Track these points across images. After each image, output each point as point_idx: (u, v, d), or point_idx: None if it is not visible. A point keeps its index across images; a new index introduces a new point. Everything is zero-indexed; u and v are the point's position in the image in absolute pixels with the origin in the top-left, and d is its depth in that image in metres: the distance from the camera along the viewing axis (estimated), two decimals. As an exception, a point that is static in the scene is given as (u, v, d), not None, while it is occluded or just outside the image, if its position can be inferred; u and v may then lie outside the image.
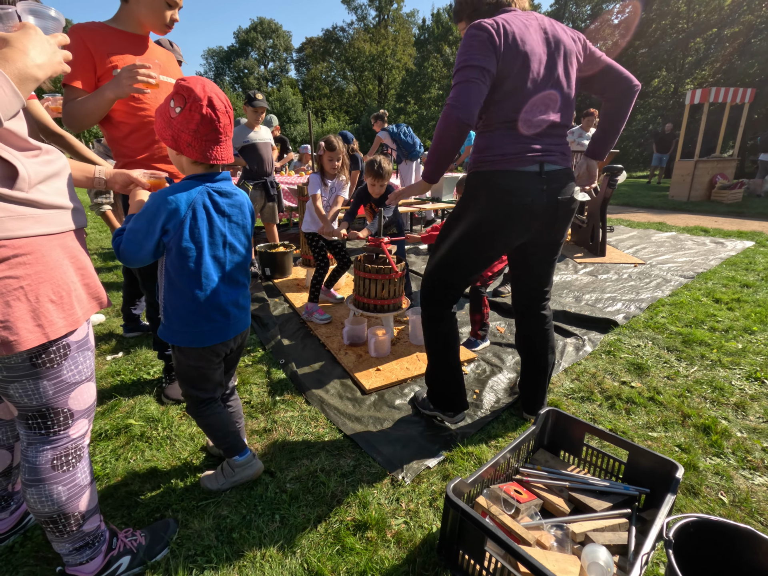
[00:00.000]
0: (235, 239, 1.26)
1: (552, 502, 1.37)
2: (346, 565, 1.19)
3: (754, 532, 1.02)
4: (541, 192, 1.45)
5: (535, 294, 1.75)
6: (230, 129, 1.18)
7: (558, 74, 1.42)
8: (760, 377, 2.18)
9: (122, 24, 1.58)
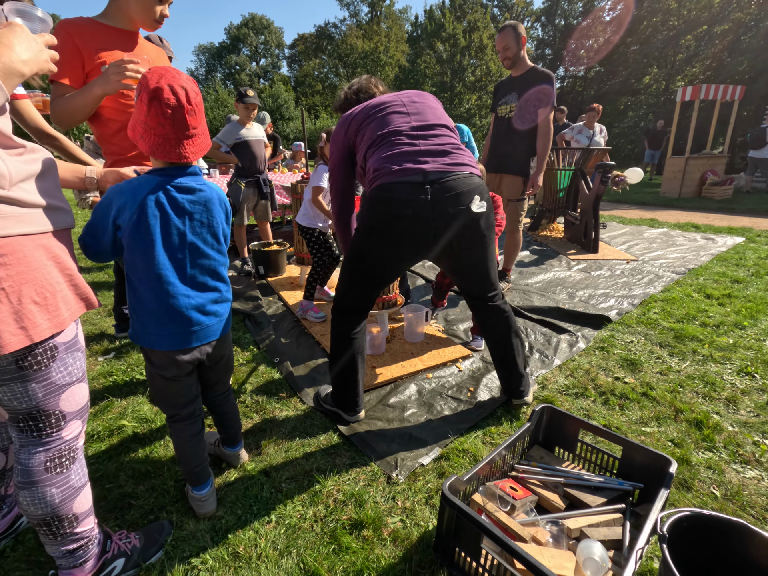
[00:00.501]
0: (197, 238, 1.15)
1: (547, 498, 1.38)
2: (343, 565, 1.19)
3: (745, 525, 1.04)
4: (425, 203, 1.43)
5: (480, 297, 1.76)
6: (187, 124, 1.06)
7: (420, 103, 1.59)
8: (751, 372, 2.21)
9: (111, 19, 1.55)
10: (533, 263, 4.36)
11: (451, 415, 1.88)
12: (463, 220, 1.47)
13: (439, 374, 2.20)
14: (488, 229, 1.57)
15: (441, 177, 1.44)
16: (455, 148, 1.53)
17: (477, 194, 1.48)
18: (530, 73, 3.04)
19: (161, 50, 1.75)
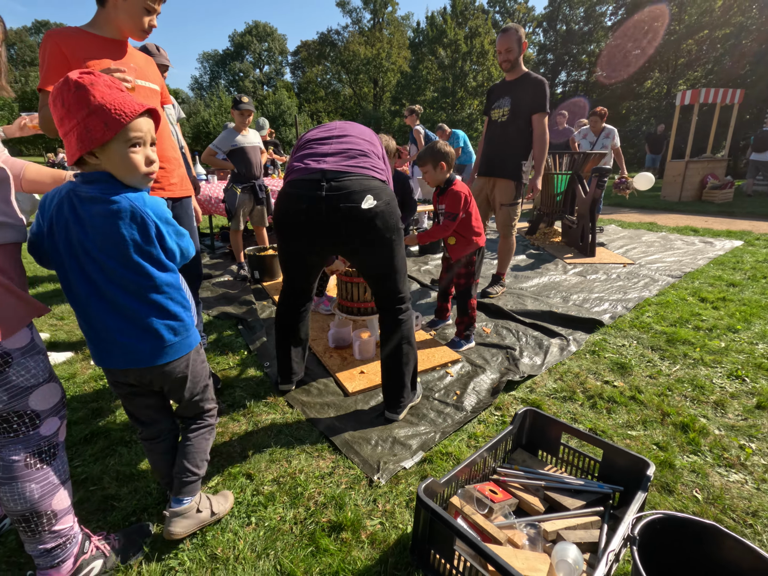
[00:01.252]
0: (103, 254, 1.00)
1: (527, 501, 1.38)
2: (320, 566, 1.19)
3: (718, 527, 1.04)
4: (318, 199, 1.52)
5: (386, 299, 1.78)
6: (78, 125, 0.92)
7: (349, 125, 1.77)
8: (741, 375, 2.20)
9: (99, 29, 1.58)
10: (529, 267, 4.36)
11: (436, 418, 1.88)
12: (354, 216, 1.54)
13: (427, 378, 2.21)
14: (387, 230, 1.60)
15: (338, 176, 1.53)
16: (362, 155, 1.62)
17: (370, 194, 1.54)
18: (524, 79, 3.05)
19: (150, 59, 1.79)
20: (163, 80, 1.86)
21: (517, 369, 2.26)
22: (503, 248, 3.42)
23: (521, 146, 3.12)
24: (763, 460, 1.62)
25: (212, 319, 3.01)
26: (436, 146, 2.29)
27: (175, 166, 1.81)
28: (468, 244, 2.40)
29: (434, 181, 2.38)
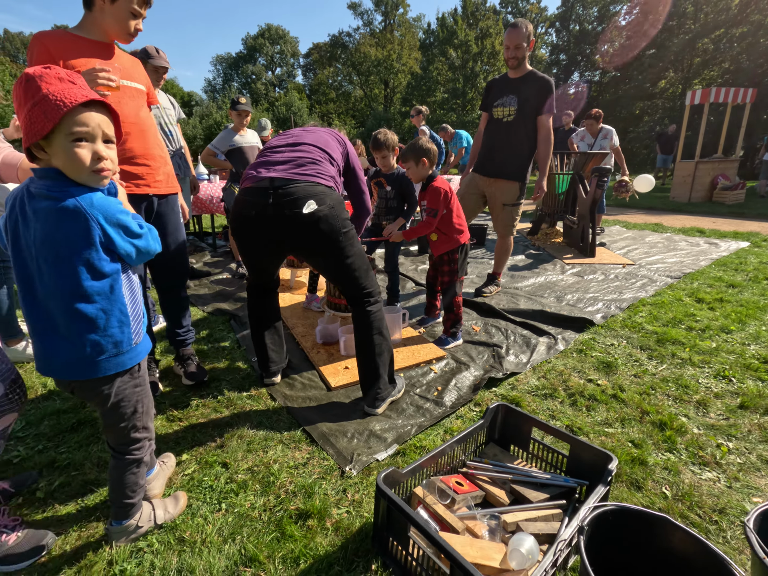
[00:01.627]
0: (40, 254, 0.96)
1: (493, 493, 1.39)
2: (282, 552, 1.23)
3: (668, 519, 1.04)
4: (266, 206, 1.61)
5: (351, 296, 1.85)
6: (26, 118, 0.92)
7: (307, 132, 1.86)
8: (728, 375, 2.18)
9: (87, 32, 1.64)
10: (527, 267, 4.35)
11: (415, 413, 1.91)
12: (299, 221, 1.61)
13: (410, 374, 2.23)
14: (332, 233, 1.67)
15: (285, 183, 1.61)
16: (311, 163, 1.70)
17: (313, 199, 1.61)
18: (530, 78, 2.97)
19: (136, 60, 1.85)
20: (149, 81, 1.93)
21: (501, 367, 2.27)
22: (501, 248, 3.41)
23: (528, 147, 3.08)
24: (739, 459, 1.61)
25: (207, 315, 3.07)
26: (418, 143, 2.32)
27: (161, 163, 1.87)
28: (449, 240, 2.41)
29: (417, 177, 2.40)
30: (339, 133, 1.98)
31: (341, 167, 1.89)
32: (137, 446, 1.20)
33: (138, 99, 1.78)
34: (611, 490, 1.45)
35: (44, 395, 2.03)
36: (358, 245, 1.80)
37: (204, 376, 2.10)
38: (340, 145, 1.91)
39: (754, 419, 1.84)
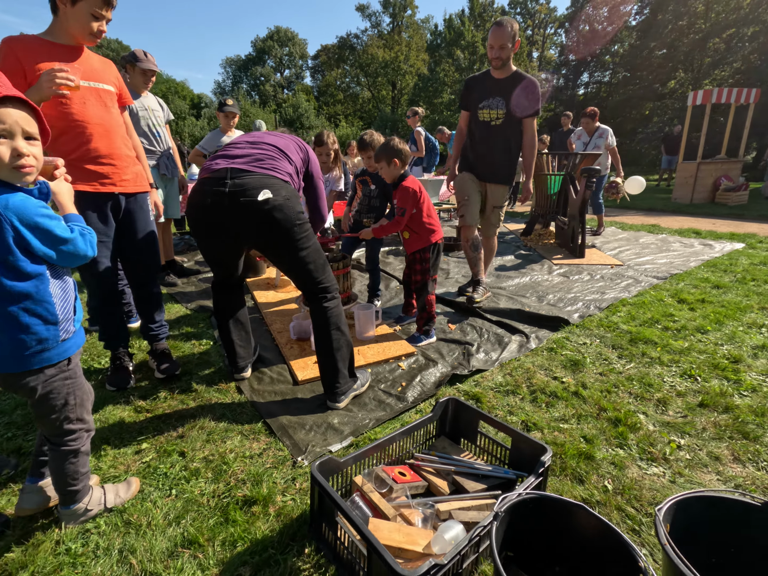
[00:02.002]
0: None
1: (436, 484, 1.43)
2: (222, 535, 1.28)
3: (585, 508, 1.07)
4: (221, 194, 1.64)
5: (308, 291, 1.89)
6: None
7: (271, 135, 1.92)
8: (694, 374, 2.19)
9: (54, 36, 1.72)
10: (514, 267, 4.37)
11: (376, 408, 1.95)
12: (253, 209, 1.65)
13: (378, 370, 2.27)
14: (286, 221, 1.69)
15: (241, 174, 1.66)
16: (269, 158, 1.75)
17: (267, 188, 1.65)
18: (516, 79, 2.90)
19: (107, 62, 1.93)
20: (122, 83, 2.00)
21: (468, 364, 2.30)
22: (487, 248, 3.39)
23: (516, 150, 3.10)
24: (688, 455, 1.63)
25: (189, 312, 3.14)
26: (390, 143, 2.36)
27: (128, 163, 1.94)
28: (420, 239, 2.45)
29: (389, 177, 2.44)
30: (301, 141, 2.04)
31: (300, 169, 1.94)
32: (73, 437, 1.24)
33: (105, 99, 1.85)
34: (555, 482, 1.48)
35: (21, 386, 2.11)
36: (315, 241, 1.83)
37: (176, 369, 2.17)
38: (300, 151, 1.96)
39: (711, 417, 1.85)
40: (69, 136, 1.76)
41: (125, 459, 1.61)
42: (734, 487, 1.48)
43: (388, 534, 1.16)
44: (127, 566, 1.19)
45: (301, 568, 1.19)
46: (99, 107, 1.81)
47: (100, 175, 1.84)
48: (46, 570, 1.16)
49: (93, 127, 1.78)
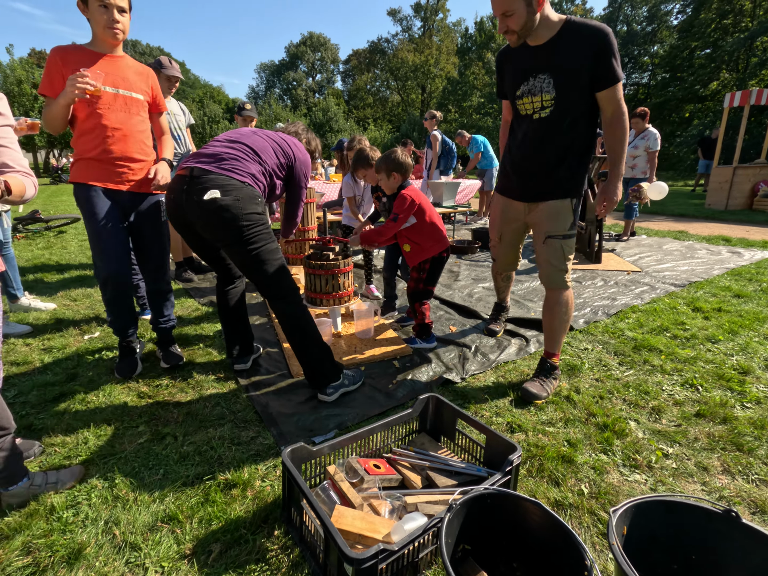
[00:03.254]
0: None
1: (410, 478, 1.46)
2: (200, 513, 1.35)
3: (541, 506, 1.08)
4: (181, 192, 1.76)
5: (264, 294, 1.96)
6: None
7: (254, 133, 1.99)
8: (696, 384, 2.12)
9: (92, 45, 1.93)
10: (526, 271, 4.32)
11: (364, 403, 1.99)
12: (202, 207, 1.72)
13: (371, 367, 2.32)
14: (234, 221, 1.73)
15: (203, 173, 1.74)
16: (234, 160, 1.82)
17: (216, 188, 1.71)
18: (567, 35, 1.78)
19: (145, 73, 2.09)
20: (157, 92, 2.16)
21: (463, 369, 2.30)
22: (551, 310, 2.09)
23: (580, 146, 1.94)
24: (674, 464, 1.59)
25: (201, 306, 3.28)
26: (392, 156, 2.37)
27: (143, 166, 2.09)
28: (421, 250, 2.43)
29: (388, 189, 2.46)
30: (294, 146, 2.05)
31: (272, 172, 1.95)
32: None
33: (131, 106, 2.00)
34: (531, 483, 1.49)
35: (39, 369, 2.27)
36: (269, 244, 1.84)
37: (179, 360, 2.28)
38: (282, 156, 1.99)
39: (706, 427, 1.79)
40: (91, 136, 1.92)
41: (122, 439, 1.71)
42: (718, 498, 1.44)
43: (351, 521, 1.20)
44: (111, 536, 1.28)
45: (269, 548, 1.24)
46: (122, 113, 1.97)
47: (114, 174, 1.99)
48: (37, 534, 1.27)
49: (112, 130, 1.93)
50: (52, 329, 2.78)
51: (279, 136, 2.04)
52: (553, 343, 2.14)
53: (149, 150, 2.14)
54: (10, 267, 2.98)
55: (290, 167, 2.04)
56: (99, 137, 1.93)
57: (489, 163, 7.04)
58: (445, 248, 2.47)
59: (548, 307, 2.11)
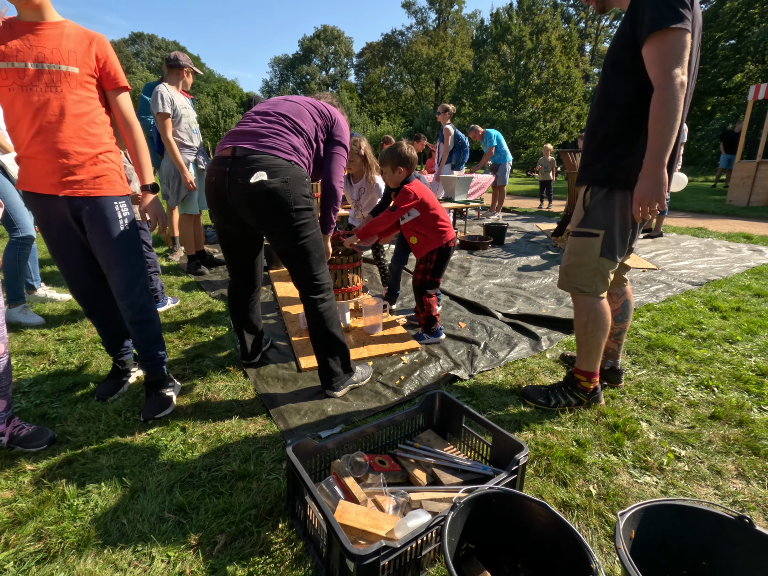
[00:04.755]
0: None
1: (415, 475, 1.45)
2: (207, 505, 1.37)
3: (546, 506, 1.06)
4: (224, 174, 1.65)
5: (301, 286, 1.87)
6: None
7: (288, 101, 1.84)
8: (712, 385, 2.07)
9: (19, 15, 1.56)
10: (538, 268, 4.26)
11: (371, 398, 1.99)
12: (249, 191, 1.63)
13: (380, 362, 2.31)
14: (282, 205, 1.65)
15: (246, 153, 1.64)
16: (275, 136, 1.69)
17: (263, 170, 1.62)
18: None
19: (84, 38, 1.61)
20: (108, 62, 1.67)
21: (471, 366, 2.28)
22: (580, 322, 1.83)
23: (619, 115, 1.58)
24: (686, 467, 1.56)
25: (212, 299, 3.31)
26: (398, 149, 2.35)
27: (83, 161, 1.63)
28: (428, 241, 2.42)
29: (392, 183, 2.44)
30: (326, 106, 1.90)
31: (313, 137, 1.82)
32: None
33: (61, 84, 1.56)
34: (537, 483, 1.47)
35: (54, 359, 2.32)
36: (316, 232, 1.81)
37: (159, 411, 1.83)
38: (320, 117, 1.84)
39: (721, 430, 1.75)
40: (18, 127, 1.57)
41: (132, 430, 1.74)
42: (731, 503, 1.40)
43: (354, 516, 1.20)
44: (119, 524, 1.30)
45: (273, 541, 1.25)
46: (49, 93, 1.55)
47: (48, 175, 1.60)
48: (48, 521, 1.29)
49: (38, 117, 1.54)
50: (67, 320, 2.84)
51: (311, 99, 1.90)
52: (579, 356, 1.87)
53: (94, 139, 1.65)
54: (30, 258, 3.03)
55: (330, 127, 1.88)
56: (24, 128, 1.56)
57: (502, 158, 6.94)
58: (451, 239, 2.47)
59: (579, 318, 1.84)
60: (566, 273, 1.83)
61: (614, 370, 2.06)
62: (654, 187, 1.49)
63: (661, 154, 1.45)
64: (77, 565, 1.16)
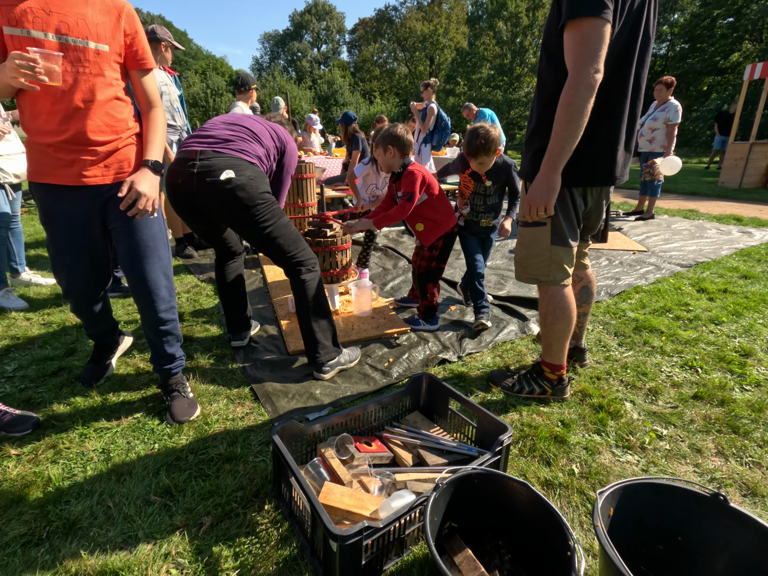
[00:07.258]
0: None
1: (401, 456, 1.47)
2: (193, 487, 1.37)
3: (527, 486, 1.08)
4: (191, 175, 1.69)
5: (284, 266, 1.93)
6: None
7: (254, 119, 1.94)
8: (695, 366, 2.10)
9: None
10: (529, 250, 4.25)
11: (359, 381, 1.99)
12: (217, 188, 1.69)
13: (369, 345, 2.31)
14: (249, 199, 1.73)
15: (210, 156, 1.70)
16: (241, 141, 1.79)
17: (230, 168, 1.69)
18: None
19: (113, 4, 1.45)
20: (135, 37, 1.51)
21: (460, 348, 2.29)
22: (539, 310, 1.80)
23: (542, 108, 1.52)
24: (667, 445, 1.59)
25: (200, 283, 3.28)
26: (390, 130, 2.29)
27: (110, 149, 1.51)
28: (436, 227, 2.38)
29: (385, 166, 2.38)
30: (283, 132, 2.03)
31: (272, 155, 1.94)
32: None
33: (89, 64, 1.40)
34: (521, 463, 1.49)
35: (39, 343, 2.29)
36: (282, 218, 1.85)
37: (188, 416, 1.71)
38: (276, 141, 1.96)
39: (703, 410, 1.78)
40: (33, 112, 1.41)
41: (118, 413, 1.73)
42: (709, 480, 1.43)
43: (339, 497, 1.21)
44: (105, 507, 1.30)
45: (259, 522, 1.26)
46: (73, 75, 1.38)
47: (69, 165, 1.46)
48: (33, 504, 1.29)
49: (59, 101, 1.38)
50: (52, 304, 2.80)
51: (269, 122, 2.01)
52: (543, 347, 1.84)
53: (122, 125, 1.52)
54: (16, 242, 2.97)
55: (282, 152, 2.01)
56: (42, 113, 1.39)
57: (497, 140, 6.84)
58: (455, 222, 2.45)
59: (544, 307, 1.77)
60: (521, 265, 1.76)
61: (578, 348, 2.07)
62: (544, 192, 1.44)
63: (556, 158, 1.39)
64: (63, 548, 1.17)
